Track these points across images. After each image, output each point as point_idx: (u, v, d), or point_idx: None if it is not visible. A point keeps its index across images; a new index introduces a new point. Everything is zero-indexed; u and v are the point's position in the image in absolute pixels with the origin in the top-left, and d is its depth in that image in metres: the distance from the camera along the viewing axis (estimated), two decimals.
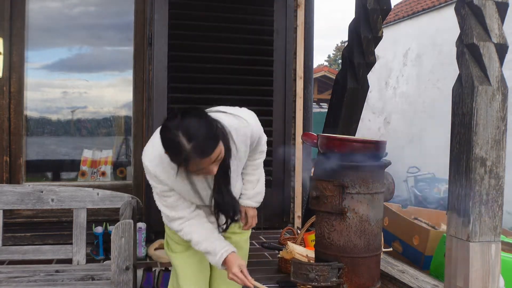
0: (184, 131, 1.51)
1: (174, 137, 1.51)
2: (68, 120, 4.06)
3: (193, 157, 1.52)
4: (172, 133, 1.52)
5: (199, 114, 1.58)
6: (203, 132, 1.52)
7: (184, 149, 1.50)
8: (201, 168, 1.57)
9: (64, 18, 3.96)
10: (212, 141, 1.54)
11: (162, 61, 3.68)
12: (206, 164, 1.56)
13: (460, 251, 1.90)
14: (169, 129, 1.53)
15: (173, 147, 1.53)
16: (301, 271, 1.94)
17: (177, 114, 1.56)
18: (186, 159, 1.52)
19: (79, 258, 2.44)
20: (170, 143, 1.53)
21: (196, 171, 1.60)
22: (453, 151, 1.95)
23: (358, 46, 3.15)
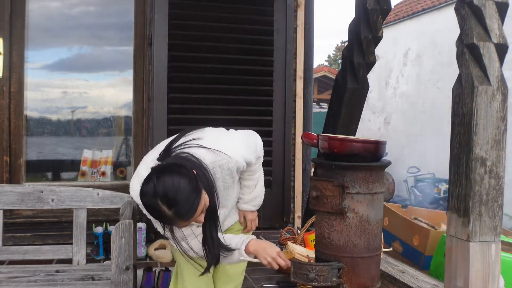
0: (162, 199, 1.47)
1: (154, 205, 1.49)
2: (68, 120, 4.06)
3: (177, 221, 1.52)
4: (151, 201, 1.49)
5: (174, 172, 1.51)
6: (182, 196, 1.48)
7: (166, 216, 1.49)
8: (187, 225, 1.59)
9: (64, 17, 3.96)
10: (193, 200, 1.50)
11: (162, 61, 3.68)
12: (191, 221, 1.55)
13: (460, 251, 1.90)
14: (146, 195, 1.50)
15: (155, 214, 1.52)
16: (301, 271, 1.94)
17: (152, 175, 1.52)
18: (170, 223, 1.55)
19: (79, 258, 2.44)
20: (151, 210, 1.52)
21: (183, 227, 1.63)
22: (453, 151, 1.95)
23: (358, 46, 3.15)
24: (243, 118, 3.81)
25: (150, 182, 1.50)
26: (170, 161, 1.59)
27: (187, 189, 1.49)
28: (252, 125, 3.97)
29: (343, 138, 2.10)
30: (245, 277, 2.93)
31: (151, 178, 1.51)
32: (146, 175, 1.56)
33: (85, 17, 3.99)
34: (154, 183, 1.48)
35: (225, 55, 3.80)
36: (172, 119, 3.65)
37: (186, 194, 1.48)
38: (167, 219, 1.51)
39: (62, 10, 3.94)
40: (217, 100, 3.77)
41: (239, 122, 3.74)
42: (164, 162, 1.60)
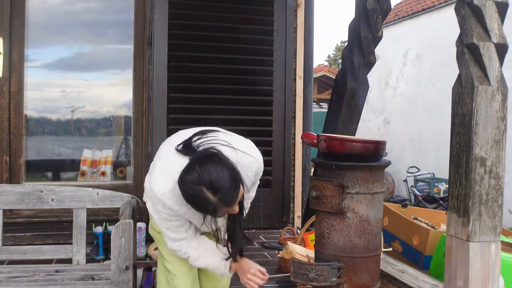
0: (207, 185, 1.54)
1: (198, 192, 1.54)
2: (68, 120, 4.06)
3: (221, 208, 1.58)
4: (195, 189, 1.54)
5: (216, 161, 1.59)
6: (226, 183, 1.55)
7: (211, 203, 1.55)
8: (227, 212, 1.65)
9: (64, 15, 3.96)
10: (235, 187, 1.57)
11: (162, 61, 3.68)
12: (232, 208, 1.63)
13: (460, 251, 1.90)
14: (190, 184, 1.55)
15: (198, 201, 1.57)
16: (301, 271, 1.95)
17: (193, 165, 1.57)
18: (214, 210, 1.58)
19: (79, 258, 2.44)
20: (195, 198, 1.57)
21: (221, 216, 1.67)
22: (453, 151, 1.95)
23: (358, 46, 3.15)
24: (243, 118, 3.81)
25: (193, 171, 1.55)
26: (207, 153, 1.63)
27: (230, 177, 1.56)
28: (252, 125, 3.98)
29: (343, 138, 2.10)
30: None
31: (193, 167, 1.56)
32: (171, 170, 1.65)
33: (85, 15, 3.99)
34: (198, 171, 1.54)
35: (225, 55, 3.80)
36: (172, 119, 3.65)
37: (229, 181, 1.55)
38: (211, 206, 1.55)
39: (62, 7, 3.94)
40: (217, 100, 3.77)
41: (239, 122, 3.74)
42: (201, 154, 1.63)
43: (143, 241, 3.32)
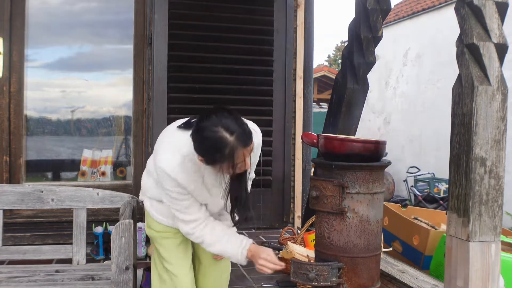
0: (224, 126, 1.60)
1: (215, 133, 1.60)
2: (68, 120, 4.06)
3: (238, 148, 1.61)
4: (213, 130, 1.60)
5: (230, 113, 1.66)
6: (240, 126, 1.63)
7: (228, 142, 1.59)
8: (242, 160, 1.65)
9: (64, 15, 3.96)
10: (249, 131, 1.66)
11: (162, 61, 3.68)
12: (247, 154, 1.65)
13: (460, 251, 1.90)
14: (207, 128, 1.61)
15: (216, 143, 1.60)
16: (301, 271, 1.94)
17: (209, 114, 1.63)
18: (231, 150, 1.60)
19: (79, 258, 2.44)
20: (212, 140, 1.60)
21: (237, 164, 1.65)
22: (453, 151, 1.95)
23: (358, 46, 3.15)
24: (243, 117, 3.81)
25: (209, 118, 1.62)
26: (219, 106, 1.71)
27: (243, 124, 1.65)
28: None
29: (343, 138, 2.10)
30: (245, 277, 2.94)
31: (208, 116, 1.63)
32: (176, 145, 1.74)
33: (85, 15, 3.99)
34: (214, 118, 1.61)
35: (225, 55, 3.80)
36: (172, 119, 3.62)
37: (243, 126, 1.64)
38: (229, 147, 1.59)
39: (61, 8, 3.94)
40: (217, 100, 3.77)
41: None
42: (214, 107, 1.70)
43: (143, 241, 3.32)
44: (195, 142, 1.66)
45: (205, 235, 1.85)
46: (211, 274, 2.08)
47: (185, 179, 1.74)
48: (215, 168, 1.69)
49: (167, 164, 1.73)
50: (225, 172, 1.70)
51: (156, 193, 1.94)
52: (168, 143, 1.81)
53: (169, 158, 1.74)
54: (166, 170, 1.73)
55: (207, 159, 1.65)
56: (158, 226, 1.97)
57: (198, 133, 1.63)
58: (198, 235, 1.85)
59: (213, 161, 1.65)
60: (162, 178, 1.77)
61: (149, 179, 1.97)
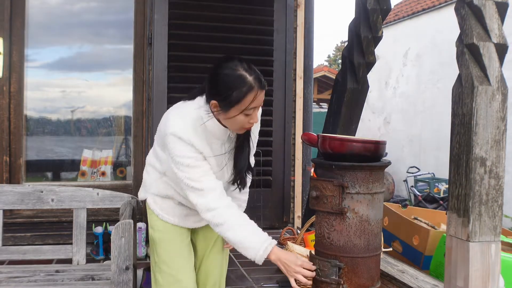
0: (243, 68, 1.66)
1: (235, 71, 1.65)
2: (68, 120, 4.06)
3: (255, 88, 1.65)
4: (233, 69, 1.65)
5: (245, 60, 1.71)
6: (256, 71, 1.69)
7: (248, 79, 1.64)
8: (257, 105, 1.67)
9: (64, 15, 3.96)
10: (262, 77, 1.69)
11: (162, 61, 3.68)
12: (260, 99, 1.68)
13: (460, 251, 1.90)
14: (227, 67, 1.66)
15: (235, 79, 1.64)
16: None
17: (226, 59, 1.70)
18: (250, 88, 1.63)
19: (79, 258, 2.44)
20: (232, 77, 1.64)
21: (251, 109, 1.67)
22: (453, 151, 1.95)
23: (358, 46, 3.15)
24: None
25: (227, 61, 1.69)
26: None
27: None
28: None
29: (343, 138, 2.10)
30: (245, 277, 2.94)
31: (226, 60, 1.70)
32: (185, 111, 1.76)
33: (85, 15, 3.99)
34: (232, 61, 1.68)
35: (225, 55, 3.80)
36: None
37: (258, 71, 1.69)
38: (248, 83, 1.64)
39: (61, 8, 3.94)
40: None
41: None
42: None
43: (143, 241, 3.33)
44: (211, 84, 1.68)
45: (227, 215, 1.71)
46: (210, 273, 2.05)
47: (199, 142, 1.72)
48: (229, 113, 1.67)
49: (180, 128, 1.70)
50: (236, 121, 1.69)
51: (161, 187, 1.89)
52: (176, 113, 1.79)
53: (180, 123, 1.72)
54: (179, 134, 1.69)
55: (224, 97, 1.65)
56: (162, 225, 1.90)
57: (217, 73, 1.67)
58: (220, 212, 1.71)
59: (230, 100, 1.64)
60: (174, 145, 1.71)
61: (151, 173, 1.92)
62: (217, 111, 1.70)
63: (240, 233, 1.70)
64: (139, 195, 2.03)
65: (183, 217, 1.92)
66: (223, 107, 1.67)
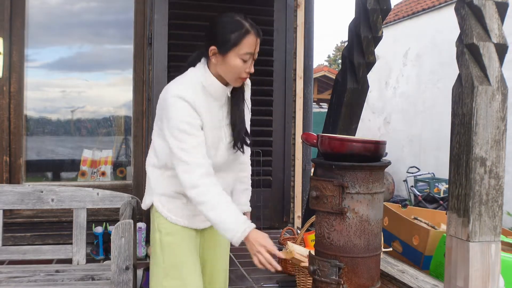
0: (240, 17, 1.78)
1: (232, 17, 1.77)
2: (68, 120, 4.06)
3: (252, 33, 1.74)
4: (230, 16, 1.78)
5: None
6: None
7: (245, 24, 1.74)
8: (253, 50, 1.76)
9: (64, 15, 3.96)
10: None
11: (162, 61, 3.68)
12: (257, 47, 1.78)
13: (460, 251, 1.90)
14: (226, 15, 1.79)
15: (233, 23, 1.75)
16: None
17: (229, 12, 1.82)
18: (247, 31, 1.73)
19: (79, 258, 2.44)
20: (230, 22, 1.76)
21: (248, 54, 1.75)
22: (453, 151, 1.95)
23: (358, 46, 3.15)
24: None
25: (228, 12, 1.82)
26: None
27: None
28: (252, 125, 3.97)
29: (343, 138, 2.10)
30: (245, 277, 2.94)
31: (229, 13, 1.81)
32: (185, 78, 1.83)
33: (85, 15, 3.99)
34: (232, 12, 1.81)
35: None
36: None
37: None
38: (244, 27, 1.74)
39: (61, 8, 3.94)
40: None
41: None
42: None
43: (143, 241, 3.32)
44: (210, 30, 1.76)
45: (212, 193, 1.68)
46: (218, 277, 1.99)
47: (200, 102, 1.74)
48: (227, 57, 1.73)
49: (180, 89, 1.74)
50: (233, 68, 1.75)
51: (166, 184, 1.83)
52: (175, 80, 1.84)
53: (180, 86, 1.77)
54: (180, 94, 1.72)
55: (223, 41, 1.72)
56: (171, 227, 1.82)
57: (215, 21, 1.78)
58: (204, 190, 1.67)
59: (228, 42, 1.71)
60: (174, 107, 1.72)
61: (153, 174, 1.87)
62: (215, 57, 1.76)
63: (222, 213, 1.67)
64: (144, 203, 1.94)
65: (191, 218, 1.86)
66: (221, 51, 1.73)
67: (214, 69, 1.81)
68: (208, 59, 1.82)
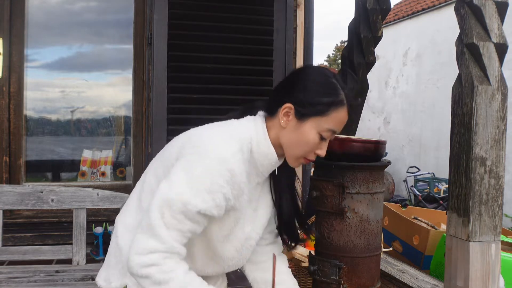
0: (336, 79, 1.36)
1: (328, 78, 1.34)
2: (68, 120, 4.06)
3: (345, 105, 1.34)
4: (325, 75, 1.34)
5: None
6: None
7: (340, 92, 1.33)
8: (339, 127, 1.36)
9: (64, 15, 3.96)
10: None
11: (161, 61, 3.68)
12: (344, 121, 1.37)
13: (460, 251, 1.89)
14: (318, 72, 1.35)
15: (328, 85, 1.33)
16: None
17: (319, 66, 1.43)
18: (340, 102, 1.32)
19: (79, 258, 2.44)
20: (324, 82, 1.33)
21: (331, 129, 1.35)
22: (453, 151, 1.95)
23: (357, 46, 3.15)
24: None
25: (319, 67, 1.41)
26: None
27: None
28: None
29: (343, 138, 2.10)
30: (245, 277, 2.94)
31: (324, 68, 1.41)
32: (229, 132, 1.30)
33: (85, 14, 3.99)
34: (324, 67, 1.43)
35: (225, 55, 3.80)
36: (172, 119, 3.65)
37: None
38: (342, 94, 1.33)
39: (61, 8, 3.94)
40: (217, 100, 3.77)
41: None
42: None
43: None
44: (289, 83, 1.32)
45: (175, 272, 1.20)
46: None
47: (242, 178, 1.23)
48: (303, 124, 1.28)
49: (223, 147, 1.20)
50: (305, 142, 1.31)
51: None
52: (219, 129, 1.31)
53: (221, 144, 1.22)
54: (221, 154, 1.19)
55: (307, 101, 1.28)
56: None
57: (300, 75, 1.33)
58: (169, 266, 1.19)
59: (314, 106, 1.28)
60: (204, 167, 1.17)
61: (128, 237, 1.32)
62: (287, 119, 1.32)
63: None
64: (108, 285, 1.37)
65: None
66: (300, 114, 1.30)
67: (276, 132, 1.33)
68: (269, 116, 1.35)
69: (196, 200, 1.17)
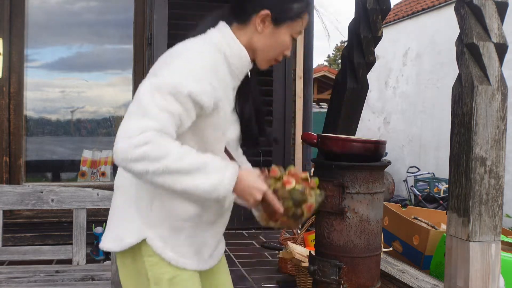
0: None
1: None
2: (68, 120, 4.06)
3: (309, 8, 1.46)
4: None
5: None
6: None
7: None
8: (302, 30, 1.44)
9: (64, 15, 3.96)
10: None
11: None
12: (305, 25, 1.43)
13: (460, 251, 1.89)
14: None
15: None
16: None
17: None
18: (306, 6, 1.40)
19: (79, 258, 2.44)
20: None
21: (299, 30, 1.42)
22: (453, 151, 1.95)
23: (358, 46, 3.15)
24: None
25: None
26: None
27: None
28: None
29: (343, 138, 2.10)
30: (245, 277, 2.94)
31: None
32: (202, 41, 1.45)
33: (85, 15, 3.99)
34: None
35: None
36: None
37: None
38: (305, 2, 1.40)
39: (61, 8, 3.95)
40: None
41: None
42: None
43: None
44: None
45: (175, 144, 1.17)
46: None
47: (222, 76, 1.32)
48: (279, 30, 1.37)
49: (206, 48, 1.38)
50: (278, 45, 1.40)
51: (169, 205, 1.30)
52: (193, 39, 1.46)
53: (206, 46, 1.39)
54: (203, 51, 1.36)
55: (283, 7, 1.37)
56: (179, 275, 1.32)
57: None
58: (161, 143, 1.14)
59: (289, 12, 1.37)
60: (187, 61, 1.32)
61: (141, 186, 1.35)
62: (263, 26, 1.38)
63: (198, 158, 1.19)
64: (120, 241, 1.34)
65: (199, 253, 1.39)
66: (275, 20, 1.37)
67: (248, 38, 1.41)
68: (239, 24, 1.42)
69: (187, 81, 1.23)
